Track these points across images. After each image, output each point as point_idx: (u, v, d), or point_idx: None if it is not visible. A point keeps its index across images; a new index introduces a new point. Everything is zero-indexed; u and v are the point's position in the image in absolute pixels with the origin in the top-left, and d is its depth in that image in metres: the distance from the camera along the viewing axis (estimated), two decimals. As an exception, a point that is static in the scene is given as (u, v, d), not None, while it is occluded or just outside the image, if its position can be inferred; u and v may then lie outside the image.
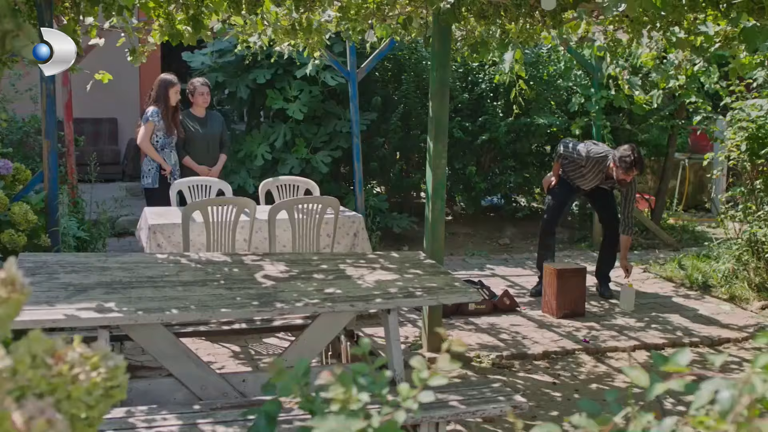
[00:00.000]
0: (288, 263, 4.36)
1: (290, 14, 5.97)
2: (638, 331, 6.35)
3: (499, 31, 6.47)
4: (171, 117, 7.15)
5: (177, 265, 4.23)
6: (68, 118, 7.97)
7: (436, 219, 5.66)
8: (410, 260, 4.59)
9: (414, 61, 9.83)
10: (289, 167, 8.98)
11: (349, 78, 8.56)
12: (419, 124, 9.69)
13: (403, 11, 5.70)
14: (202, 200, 6.14)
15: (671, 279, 8.07)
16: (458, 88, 9.88)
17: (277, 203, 6.04)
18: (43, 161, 4.95)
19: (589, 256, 9.01)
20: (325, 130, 9.26)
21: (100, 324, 3.53)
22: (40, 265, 3.99)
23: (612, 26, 6.62)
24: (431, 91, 5.64)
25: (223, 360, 5.54)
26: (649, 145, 10.11)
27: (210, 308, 3.59)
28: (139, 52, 5.90)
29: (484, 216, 10.92)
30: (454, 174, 10.35)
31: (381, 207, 9.38)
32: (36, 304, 3.49)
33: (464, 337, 6.12)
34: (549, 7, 4.33)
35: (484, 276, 8.08)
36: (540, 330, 6.37)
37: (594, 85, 9.07)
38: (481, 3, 5.44)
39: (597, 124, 9.13)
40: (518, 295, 7.39)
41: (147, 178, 7.16)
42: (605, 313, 6.90)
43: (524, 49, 9.33)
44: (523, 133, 9.90)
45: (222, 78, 9.32)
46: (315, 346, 4.25)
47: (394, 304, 3.83)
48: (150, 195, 7.20)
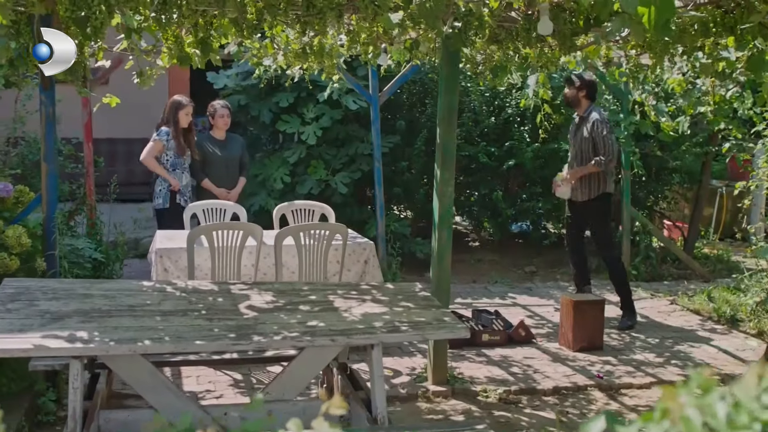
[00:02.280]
0: (276, 293, 4.24)
1: (300, 38, 5.91)
2: (656, 367, 6.10)
3: (518, 55, 6.33)
4: (184, 138, 7.16)
5: (161, 293, 4.14)
6: (88, 139, 7.99)
7: (443, 248, 5.51)
8: (404, 292, 4.44)
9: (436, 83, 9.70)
10: (308, 188, 8.90)
11: (371, 102, 8.48)
12: (445, 149, 9.55)
13: (410, 35, 5.58)
14: (207, 225, 6.08)
15: (698, 312, 7.78)
16: (485, 113, 9.73)
17: (283, 229, 5.94)
18: (42, 184, 4.92)
19: (616, 286, 8.76)
20: (345, 151, 9.17)
21: (70, 354, 3.45)
22: (22, 291, 3.93)
23: (634, 51, 6.44)
24: (438, 117, 5.51)
25: (222, 389, 5.43)
26: (681, 172, 9.82)
27: (184, 340, 3.49)
28: (147, 75, 5.87)
29: (512, 242, 10.71)
30: (481, 199, 10.18)
31: (404, 232, 9.24)
32: (9, 332, 3.43)
33: (473, 370, 5.94)
34: (545, 32, 4.18)
35: (504, 305, 7.88)
36: (553, 364, 6.16)
37: (623, 111, 8.84)
38: (492, 27, 5.32)
39: (626, 151, 8.89)
40: (537, 326, 7.19)
41: (158, 198, 7.17)
42: (624, 347, 6.65)
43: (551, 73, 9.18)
44: (550, 159, 9.69)
45: (245, 101, 9.30)
46: (300, 379, 4.12)
47: (377, 339, 3.69)
48: (161, 216, 7.23)
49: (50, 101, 4.91)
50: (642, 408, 5.37)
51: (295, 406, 4.02)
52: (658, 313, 7.75)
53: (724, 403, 0.95)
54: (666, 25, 3.55)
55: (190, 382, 5.54)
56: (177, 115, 7.11)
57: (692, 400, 0.96)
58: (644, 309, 7.86)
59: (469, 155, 9.55)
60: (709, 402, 0.95)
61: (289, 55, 6.24)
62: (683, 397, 0.95)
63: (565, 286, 8.78)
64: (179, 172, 7.17)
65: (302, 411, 4.02)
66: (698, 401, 0.95)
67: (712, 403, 0.95)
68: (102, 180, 8.46)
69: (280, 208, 7.16)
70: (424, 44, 5.52)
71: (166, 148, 7.11)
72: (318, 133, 8.91)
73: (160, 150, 7.12)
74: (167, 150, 7.11)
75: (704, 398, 0.95)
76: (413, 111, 9.78)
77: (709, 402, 0.95)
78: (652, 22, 3.21)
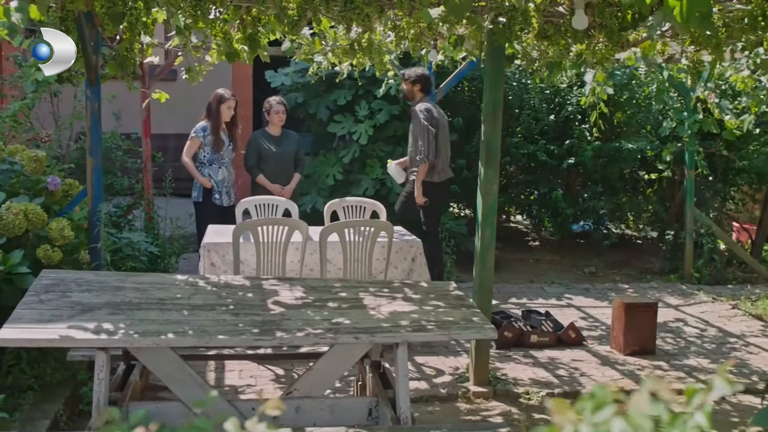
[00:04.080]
0: (307, 290, 4.23)
1: (348, 34, 5.89)
2: (709, 374, 5.89)
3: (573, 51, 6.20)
4: (228, 132, 7.25)
5: (193, 287, 4.17)
6: (146, 134, 8.14)
7: (486, 247, 5.42)
8: (437, 291, 4.37)
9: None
10: (363, 189, 8.87)
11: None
12: (503, 146, 9.42)
13: (455, 30, 5.50)
14: (252, 220, 6.11)
15: (761, 317, 7.50)
16: (545, 110, 9.56)
17: (327, 225, 5.94)
18: (87, 178, 5.01)
19: (677, 289, 8.52)
20: (401, 150, 9.11)
21: (94, 345, 3.50)
22: (57, 283, 4.00)
23: (693, 47, 6.23)
24: (483, 114, 5.42)
25: (263, 383, 5.46)
26: (750, 173, 9.47)
27: (207, 334, 3.50)
28: (196, 71, 5.93)
29: (573, 243, 10.51)
30: (541, 198, 10.02)
31: (460, 231, 9.14)
32: (38, 322, 3.49)
33: (518, 371, 5.84)
34: (580, 26, 4.06)
35: (559, 306, 7.74)
36: (601, 367, 6.01)
37: (687, 109, 8.57)
38: (540, 23, 5.21)
39: (690, 150, 8.62)
40: (590, 328, 7.03)
41: (194, 191, 7.30)
42: (678, 351, 6.45)
43: (613, 70, 8.97)
44: (612, 158, 9.47)
45: (302, 98, 9.32)
46: (328, 377, 4.11)
47: (401, 338, 3.64)
48: (197, 209, 7.36)
49: (95, 96, 4.99)
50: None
51: (323, 403, 4.01)
52: (719, 318, 7.50)
53: (621, 421, 0.88)
54: (706, 18, 3.41)
55: (232, 376, 5.58)
56: (219, 108, 7.18)
57: (587, 416, 0.90)
58: (704, 313, 7.61)
59: (529, 153, 9.40)
60: (606, 419, 0.88)
61: (337, 51, 6.23)
62: (574, 412, 0.89)
63: (623, 288, 8.58)
64: (216, 167, 7.25)
65: (330, 409, 4.01)
66: (592, 417, 0.89)
67: (608, 420, 0.89)
68: (160, 175, 8.61)
69: (331, 204, 7.16)
70: (469, 40, 5.44)
71: (203, 144, 7.19)
72: (369, 132, 8.88)
73: (198, 147, 7.21)
74: (204, 146, 7.19)
75: (597, 414, 0.88)
76: (471, 108, 9.67)
77: (606, 419, 0.88)
78: (684, 14, 3.08)
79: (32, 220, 4.67)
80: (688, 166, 8.73)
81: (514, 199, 10.22)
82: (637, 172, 10.11)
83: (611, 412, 0.87)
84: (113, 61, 5.25)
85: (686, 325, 7.20)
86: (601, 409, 0.88)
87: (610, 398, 0.90)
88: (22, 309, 3.60)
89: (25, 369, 4.70)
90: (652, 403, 0.90)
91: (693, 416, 1.18)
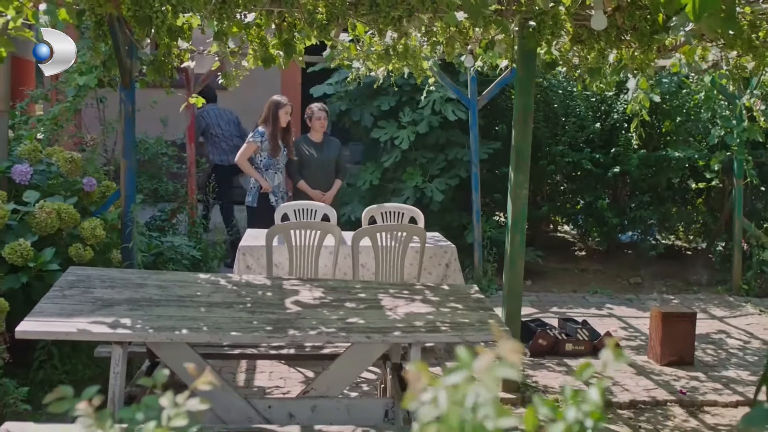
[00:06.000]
0: (327, 290, 4.25)
1: (382, 39, 5.91)
2: (748, 386, 5.75)
3: (611, 56, 6.14)
4: (282, 138, 7.32)
5: (214, 285, 4.23)
6: (190, 140, 8.28)
7: (516, 252, 5.38)
8: (457, 294, 4.36)
9: (543, 88, 9.49)
10: (404, 198, 8.86)
11: (470, 106, 8.42)
12: (548, 154, 9.35)
13: (488, 35, 5.48)
14: (285, 223, 6.16)
15: (807, 327, 7.29)
16: (590, 118, 9.45)
17: (360, 229, 5.96)
18: (120, 179, 5.12)
19: (724, 301, 8.33)
20: (443, 157, 9.10)
21: (110, 339, 3.57)
22: (82, 279, 4.10)
23: (735, 51, 6.11)
24: (513, 119, 5.40)
25: (292, 385, 5.49)
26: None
27: (221, 330, 3.55)
28: (232, 76, 6.02)
29: (620, 253, 10.35)
30: (587, 208, 9.89)
31: (501, 239, 9.07)
32: (59, 315, 3.58)
33: (550, 379, 5.77)
34: (598, 26, 4.02)
35: (599, 316, 7.63)
36: (636, 377, 5.90)
37: (736, 117, 8.38)
38: (575, 27, 5.16)
39: (739, 159, 8.43)
40: (629, 338, 6.92)
41: (249, 196, 7.39)
42: (718, 363, 6.30)
43: (660, 78, 8.83)
44: (659, 167, 9.31)
45: (345, 106, 9.37)
46: (345, 377, 4.12)
47: (413, 338, 3.63)
48: (250, 213, 7.43)
49: (129, 99, 5.10)
50: (722, 427, 5.07)
51: (340, 402, 4.02)
52: (764, 330, 7.30)
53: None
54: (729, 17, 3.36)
55: (262, 377, 5.63)
56: (277, 113, 7.27)
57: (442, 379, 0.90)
58: (750, 325, 7.43)
59: (574, 162, 9.30)
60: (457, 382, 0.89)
61: (372, 56, 6.26)
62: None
63: (668, 299, 8.41)
64: (272, 172, 7.33)
65: (346, 408, 4.02)
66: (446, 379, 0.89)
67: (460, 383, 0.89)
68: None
69: (369, 210, 7.17)
70: (500, 44, 5.42)
71: (260, 149, 7.28)
72: (411, 137, 8.87)
73: (254, 151, 7.30)
74: (261, 151, 7.28)
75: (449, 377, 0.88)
76: (516, 116, 9.60)
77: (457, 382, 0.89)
78: (696, 11, 3.03)
79: (65, 219, 4.79)
80: (737, 175, 8.54)
81: (560, 208, 10.10)
82: (686, 182, 9.92)
83: (463, 376, 0.87)
84: (151, 65, 5.38)
85: (729, 337, 7.03)
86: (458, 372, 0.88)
87: (471, 362, 0.90)
88: (45, 303, 3.70)
89: (57, 365, 4.82)
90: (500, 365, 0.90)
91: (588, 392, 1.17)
